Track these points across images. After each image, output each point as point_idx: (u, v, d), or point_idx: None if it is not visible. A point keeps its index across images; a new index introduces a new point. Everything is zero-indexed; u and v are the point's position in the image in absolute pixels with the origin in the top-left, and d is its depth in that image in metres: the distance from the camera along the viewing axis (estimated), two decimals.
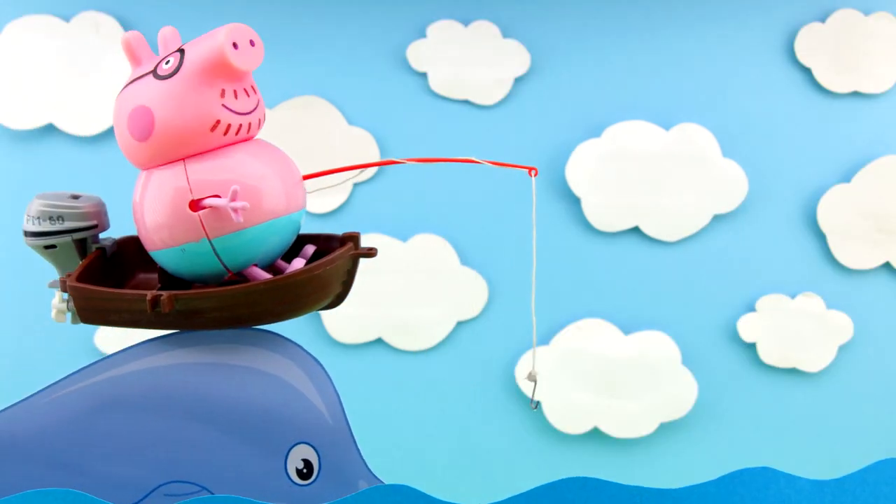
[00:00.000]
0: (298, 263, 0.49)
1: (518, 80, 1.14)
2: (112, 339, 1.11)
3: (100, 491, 0.44)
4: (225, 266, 0.46)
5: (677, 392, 1.15)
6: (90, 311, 0.48)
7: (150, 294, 0.45)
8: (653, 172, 1.13)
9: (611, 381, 1.15)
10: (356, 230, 1.26)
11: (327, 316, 1.13)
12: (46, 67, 1.09)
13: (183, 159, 0.46)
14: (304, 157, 1.21)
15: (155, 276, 0.50)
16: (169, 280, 0.50)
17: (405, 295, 1.14)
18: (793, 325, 1.15)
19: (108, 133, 1.11)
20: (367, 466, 0.51)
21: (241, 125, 0.46)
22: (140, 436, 0.47)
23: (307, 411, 0.49)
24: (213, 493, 0.46)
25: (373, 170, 1.13)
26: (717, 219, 1.15)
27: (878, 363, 1.18)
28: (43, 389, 0.49)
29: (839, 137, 1.16)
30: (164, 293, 0.45)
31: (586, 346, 1.15)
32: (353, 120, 1.13)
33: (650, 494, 0.43)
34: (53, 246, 0.52)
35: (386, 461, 1.27)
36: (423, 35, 1.13)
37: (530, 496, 0.43)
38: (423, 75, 1.13)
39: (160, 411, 0.47)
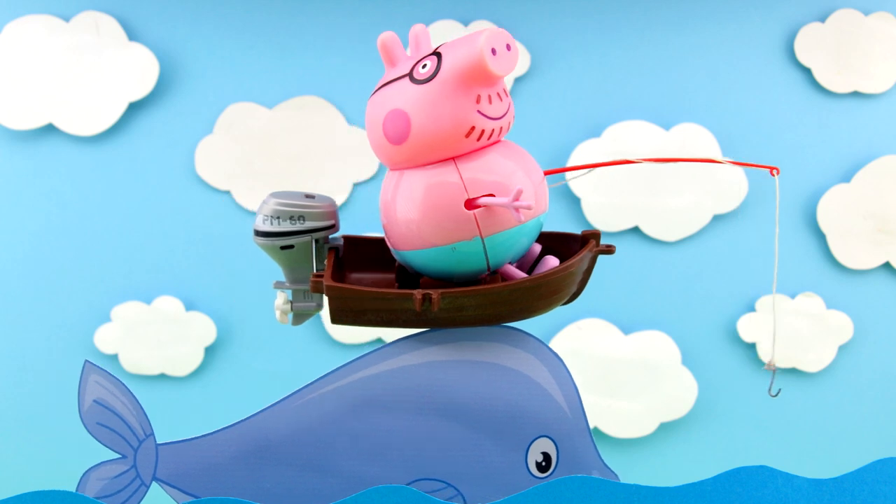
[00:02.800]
0: (553, 261, 0.50)
1: (518, 80, 1.14)
2: (111, 339, 1.12)
3: (350, 492, 0.45)
4: (488, 264, 0.47)
5: (677, 392, 1.15)
6: (345, 312, 0.48)
7: (418, 293, 0.45)
8: (653, 172, 1.13)
9: (611, 381, 1.15)
10: (356, 230, 1.26)
11: (327, 316, 1.13)
12: (46, 67, 1.09)
13: (452, 159, 0.46)
14: (304, 157, 1.22)
15: (366, 276, 0.52)
16: (407, 279, 0.51)
17: None
18: (793, 325, 1.15)
19: (108, 133, 1.11)
20: (600, 457, 0.51)
21: (493, 130, 0.46)
22: (391, 435, 0.48)
23: (548, 405, 0.49)
24: (458, 490, 0.47)
25: (373, 170, 1.13)
26: (717, 219, 1.15)
27: (878, 363, 1.18)
28: (295, 392, 0.50)
29: (839, 137, 1.16)
30: (433, 291, 0.46)
31: (586, 346, 1.15)
32: (354, 120, 1.13)
33: (648, 493, 0.43)
34: (291, 246, 0.52)
35: None
36: None
37: (530, 496, 0.43)
38: None
39: (411, 410, 0.48)
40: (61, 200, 1.12)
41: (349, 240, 0.56)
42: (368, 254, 0.55)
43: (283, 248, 0.52)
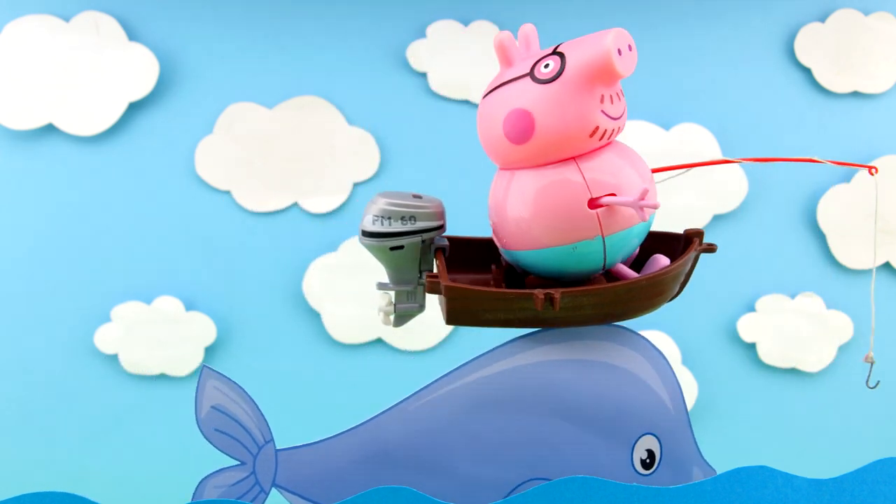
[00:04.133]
0: (664, 260, 0.50)
1: None
2: (111, 340, 1.12)
3: (464, 492, 0.45)
4: (605, 263, 0.48)
5: None
6: (463, 312, 0.48)
7: (540, 293, 0.46)
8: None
9: None
10: (356, 230, 1.26)
11: (327, 316, 1.13)
12: (46, 67, 1.09)
13: (573, 158, 0.46)
14: (304, 157, 1.22)
15: (460, 276, 0.52)
16: (514, 279, 0.51)
17: None
18: (793, 325, 1.15)
19: (108, 133, 1.11)
20: (700, 455, 0.52)
21: (612, 130, 0.46)
22: (505, 435, 0.48)
23: (653, 403, 0.50)
24: None
25: (373, 169, 1.13)
26: (717, 219, 1.15)
27: (878, 363, 1.18)
28: (411, 395, 0.49)
29: (839, 137, 1.16)
30: (554, 291, 0.46)
31: None
32: (353, 120, 1.13)
33: (648, 493, 0.43)
34: (401, 247, 0.51)
35: None
36: (423, 35, 1.13)
37: (530, 496, 0.43)
38: (423, 75, 1.13)
39: (526, 410, 0.48)
40: (61, 200, 1.12)
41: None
42: (461, 255, 0.55)
43: (392, 248, 0.51)
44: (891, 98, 1.15)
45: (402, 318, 0.54)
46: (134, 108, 1.11)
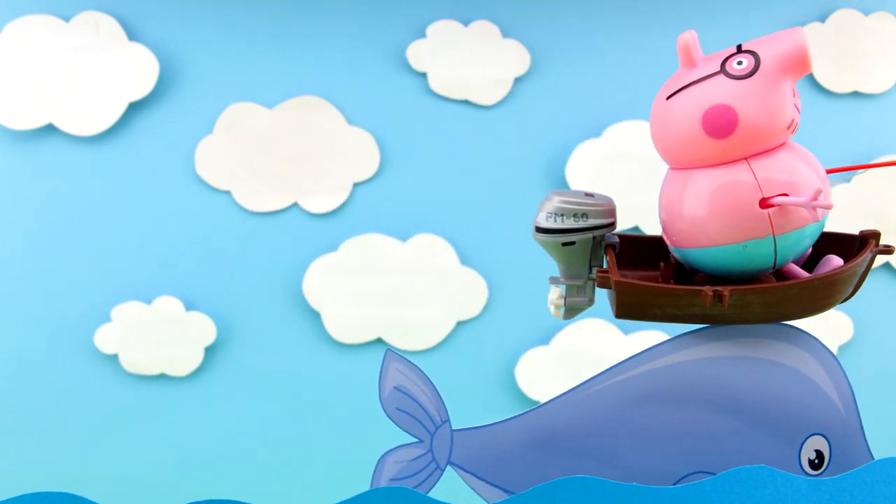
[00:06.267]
0: (837, 261, 0.51)
1: (518, 80, 1.14)
2: (111, 339, 1.12)
3: (628, 481, 0.45)
4: (776, 262, 0.48)
5: None
6: (632, 307, 0.50)
7: (709, 290, 0.47)
8: (653, 172, 1.13)
9: None
10: (356, 230, 1.26)
11: (327, 316, 1.14)
12: (46, 67, 1.09)
13: (745, 158, 0.47)
14: (304, 157, 1.22)
15: (626, 273, 0.53)
16: (682, 276, 0.52)
17: (405, 295, 1.14)
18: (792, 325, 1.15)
19: (108, 133, 1.11)
20: (871, 457, 0.52)
21: (797, 123, 0.48)
22: (670, 428, 0.49)
23: (822, 403, 0.50)
24: None
25: (373, 169, 1.13)
26: None
27: (878, 363, 1.18)
28: (581, 384, 0.51)
29: (839, 137, 1.16)
30: (723, 288, 0.47)
31: (586, 346, 1.15)
32: (353, 120, 1.13)
33: (648, 493, 0.43)
34: (573, 243, 0.52)
35: None
36: (423, 35, 1.13)
37: (530, 496, 0.43)
38: (423, 75, 1.13)
39: (690, 404, 0.49)
40: (61, 200, 1.12)
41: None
42: (630, 252, 0.56)
43: (564, 244, 0.53)
44: (891, 98, 1.15)
45: (571, 311, 0.56)
46: (134, 108, 1.11)
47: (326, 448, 1.16)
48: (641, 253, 0.56)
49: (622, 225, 1.13)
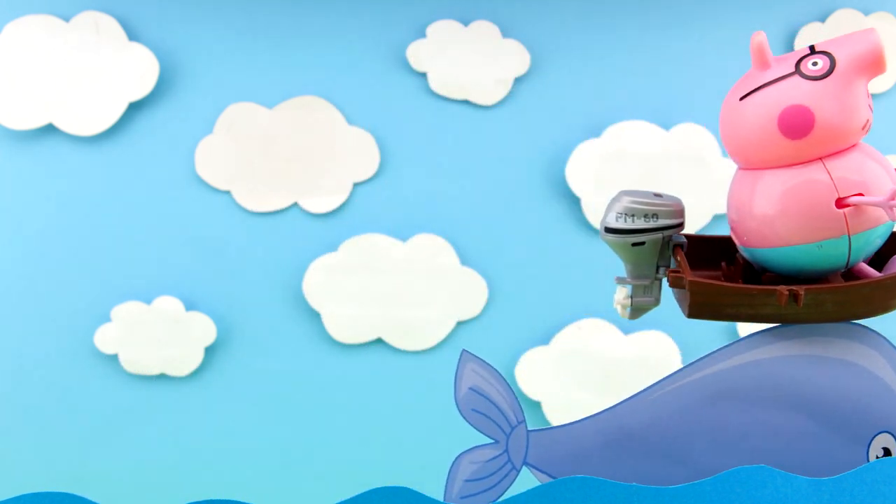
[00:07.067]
0: None
1: (518, 80, 1.14)
2: (111, 339, 1.12)
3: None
4: (849, 262, 0.49)
5: None
6: (706, 306, 0.50)
7: (784, 289, 0.48)
8: (653, 172, 1.13)
9: (611, 381, 1.15)
10: (356, 230, 1.26)
11: (327, 316, 1.13)
12: (46, 67, 1.09)
13: (820, 159, 0.48)
14: (304, 157, 1.22)
15: (694, 272, 0.53)
16: (749, 276, 0.53)
17: (405, 295, 1.14)
18: None
19: (108, 133, 1.11)
20: None
21: (871, 124, 0.50)
22: (742, 427, 0.50)
23: (890, 401, 0.51)
24: None
25: (373, 169, 1.13)
26: (717, 219, 1.14)
27: None
28: (654, 384, 0.52)
29: None
30: (798, 288, 0.47)
31: (586, 346, 1.15)
32: (353, 120, 1.13)
33: (647, 493, 0.43)
34: (642, 243, 0.54)
35: (386, 461, 1.27)
36: (423, 35, 1.13)
37: (530, 496, 0.43)
38: (423, 75, 1.13)
39: (763, 403, 0.50)
40: (61, 200, 1.12)
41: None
42: (690, 251, 0.57)
43: (634, 244, 0.54)
44: (891, 98, 1.15)
45: (637, 310, 0.57)
46: (134, 108, 1.11)
47: (326, 448, 1.16)
48: (702, 253, 0.57)
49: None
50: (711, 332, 1.17)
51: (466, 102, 1.14)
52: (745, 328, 1.15)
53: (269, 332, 1.15)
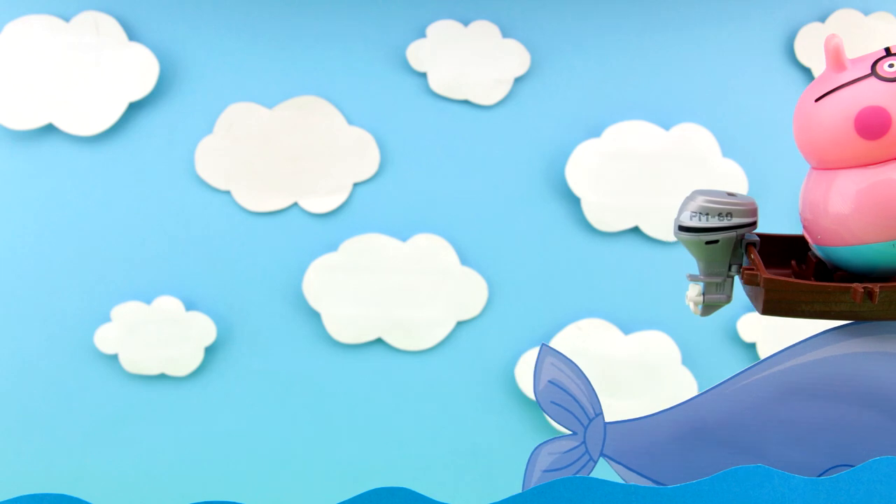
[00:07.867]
0: None
1: (518, 80, 1.14)
2: (111, 339, 1.12)
3: None
4: None
5: (677, 392, 1.15)
6: (780, 303, 0.52)
7: (859, 286, 0.49)
8: (653, 172, 1.13)
9: (611, 380, 1.15)
10: (356, 230, 1.26)
11: (327, 316, 1.14)
12: (46, 67, 1.09)
13: (895, 159, 0.49)
14: (304, 157, 1.22)
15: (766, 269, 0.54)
16: (821, 274, 0.55)
17: (405, 295, 1.14)
18: (792, 325, 1.15)
19: (108, 133, 1.11)
20: None
21: None
22: (814, 422, 0.51)
23: None
24: None
25: (373, 169, 1.13)
26: None
27: None
28: (729, 378, 0.53)
29: None
30: (873, 286, 0.49)
31: (586, 346, 1.15)
32: (353, 120, 1.13)
33: (647, 493, 0.43)
34: (716, 241, 0.54)
35: (386, 461, 1.27)
36: (423, 35, 1.13)
37: (530, 496, 0.43)
38: (423, 75, 1.13)
39: (835, 398, 0.51)
40: (61, 200, 1.12)
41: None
42: (762, 251, 0.58)
43: (707, 242, 0.54)
44: None
45: (709, 307, 0.57)
46: (134, 108, 1.11)
47: (326, 448, 1.16)
48: (772, 251, 0.58)
49: (622, 224, 1.13)
50: (712, 332, 1.17)
51: (466, 102, 1.14)
52: (747, 329, 1.16)
53: (269, 332, 1.15)
